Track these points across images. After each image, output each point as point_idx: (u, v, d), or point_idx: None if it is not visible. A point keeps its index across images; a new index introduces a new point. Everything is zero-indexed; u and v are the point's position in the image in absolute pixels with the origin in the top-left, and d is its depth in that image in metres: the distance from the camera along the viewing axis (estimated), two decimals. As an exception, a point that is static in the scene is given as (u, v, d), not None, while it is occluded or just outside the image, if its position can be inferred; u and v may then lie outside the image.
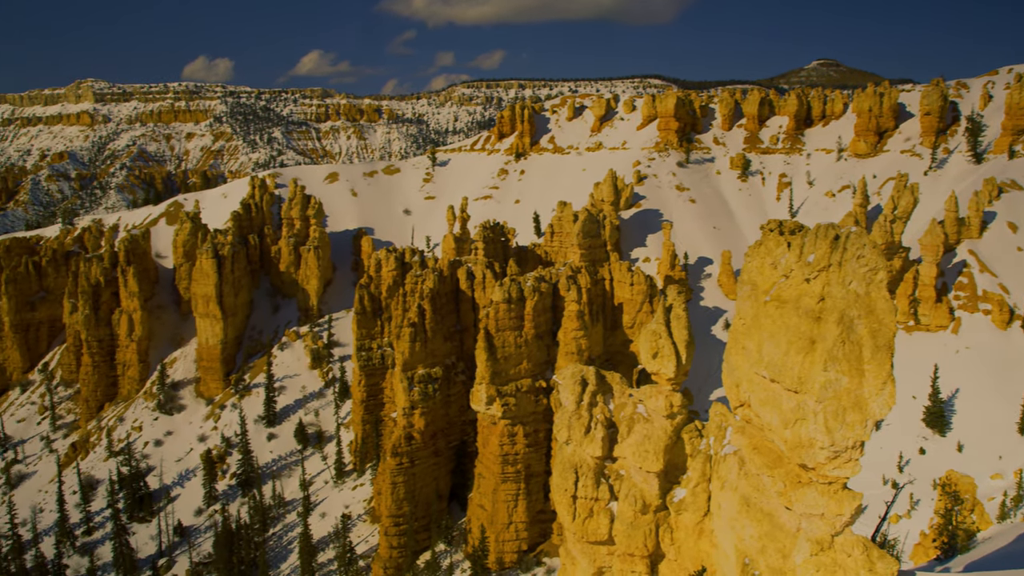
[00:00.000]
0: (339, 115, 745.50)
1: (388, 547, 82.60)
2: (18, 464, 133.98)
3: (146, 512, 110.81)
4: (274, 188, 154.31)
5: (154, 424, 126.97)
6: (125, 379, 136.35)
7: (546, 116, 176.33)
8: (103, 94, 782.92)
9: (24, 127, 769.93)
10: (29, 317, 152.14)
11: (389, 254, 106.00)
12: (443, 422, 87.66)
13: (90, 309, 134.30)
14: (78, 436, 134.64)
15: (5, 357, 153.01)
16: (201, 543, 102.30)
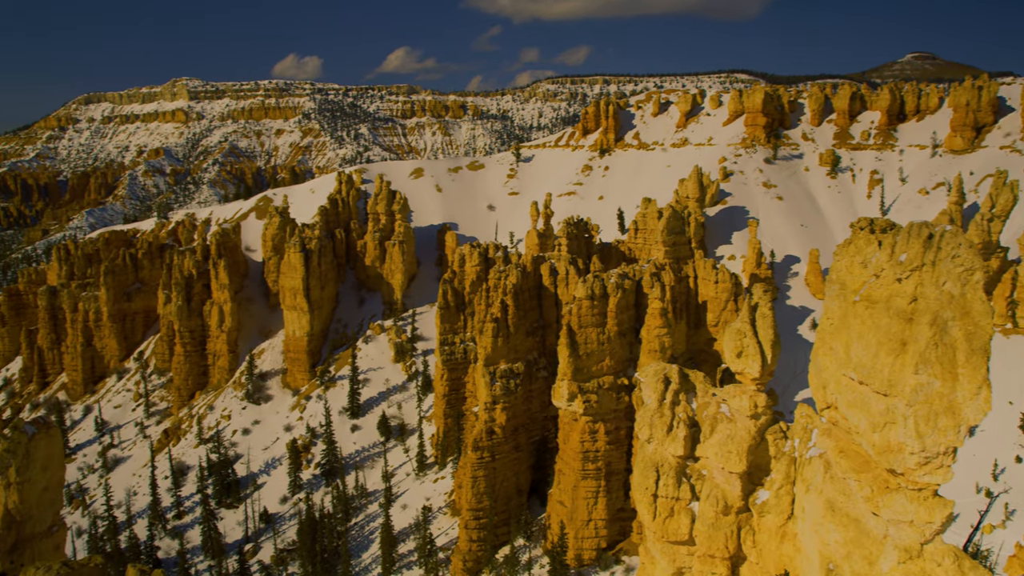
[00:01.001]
0: (424, 111, 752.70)
1: (468, 540, 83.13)
2: (114, 448, 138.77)
3: (233, 498, 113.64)
4: (360, 183, 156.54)
5: (242, 413, 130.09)
6: (215, 369, 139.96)
7: (631, 112, 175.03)
8: (197, 92, 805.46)
9: (123, 124, 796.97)
10: (126, 307, 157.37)
11: (473, 249, 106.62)
12: (524, 417, 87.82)
13: (183, 300, 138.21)
14: (170, 423, 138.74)
15: (103, 345, 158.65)
16: (286, 530, 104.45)
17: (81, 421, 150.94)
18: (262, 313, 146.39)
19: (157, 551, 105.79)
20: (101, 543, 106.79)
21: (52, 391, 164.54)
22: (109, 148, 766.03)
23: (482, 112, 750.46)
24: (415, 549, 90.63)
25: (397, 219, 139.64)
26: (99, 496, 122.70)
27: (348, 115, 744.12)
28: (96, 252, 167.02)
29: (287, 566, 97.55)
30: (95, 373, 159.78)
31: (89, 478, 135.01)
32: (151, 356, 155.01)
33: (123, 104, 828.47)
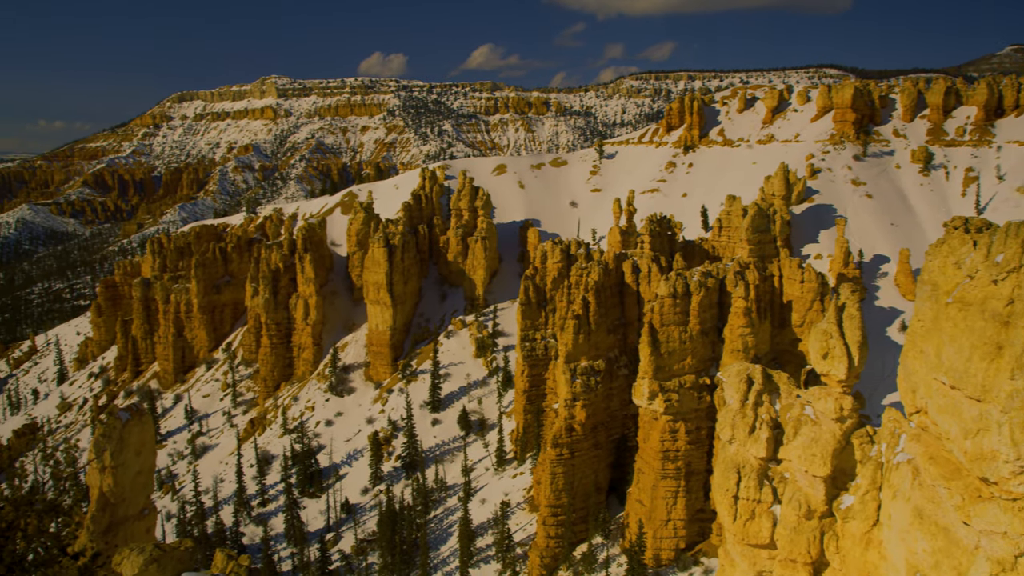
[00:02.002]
0: (507, 108, 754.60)
1: (545, 536, 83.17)
2: (202, 436, 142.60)
3: (316, 488, 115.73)
4: (443, 180, 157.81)
5: (325, 405, 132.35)
6: (300, 361, 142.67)
7: (716, 108, 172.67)
8: (285, 90, 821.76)
9: (214, 122, 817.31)
10: (215, 299, 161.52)
11: (555, 246, 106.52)
12: (604, 415, 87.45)
13: (270, 293, 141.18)
14: (256, 413, 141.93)
15: (193, 336, 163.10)
16: (366, 521, 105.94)
17: (172, 409, 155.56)
18: (346, 307, 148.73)
19: (242, 537, 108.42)
20: (189, 527, 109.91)
21: (145, 379, 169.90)
22: (201, 145, 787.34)
23: (565, 109, 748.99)
24: (493, 544, 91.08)
25: (480, 215, 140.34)
26: (188, 482, 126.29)
27: (432, 112, 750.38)
28: (188, 245, 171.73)
29: (367, 556, 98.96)
30: (185, 363, 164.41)
31: (179, 464, 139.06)
32: (239, 347, 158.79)
33: (214, 102, 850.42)
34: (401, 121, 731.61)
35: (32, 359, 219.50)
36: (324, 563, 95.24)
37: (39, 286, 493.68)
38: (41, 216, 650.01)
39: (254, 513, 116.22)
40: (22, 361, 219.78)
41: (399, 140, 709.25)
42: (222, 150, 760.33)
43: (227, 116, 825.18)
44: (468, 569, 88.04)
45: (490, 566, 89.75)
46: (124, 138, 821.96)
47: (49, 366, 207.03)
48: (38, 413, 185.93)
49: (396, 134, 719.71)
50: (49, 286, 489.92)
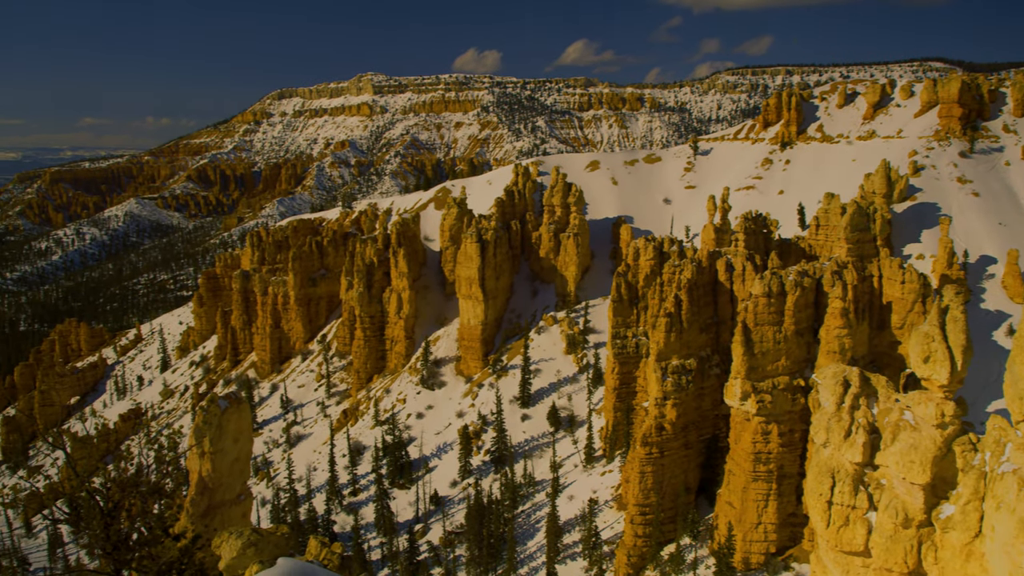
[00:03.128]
0: (601, 104, 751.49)
1: (633, 535, 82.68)
2: (297, 425, 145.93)
3: (406, 479, 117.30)
4: (536, 176, 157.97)
5: (417, 398, 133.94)
6: (392, 354, 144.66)
7: (814, 103, 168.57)
8: (381, 86, 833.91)
9: (312, 118, 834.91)
10: (311, 292, 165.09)
11: (647, 243, 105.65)
12: (695, 415, 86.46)
13: (364, 287, 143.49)
14: (349, 404, 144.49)
15: (290, 327, 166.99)
16: (454, 513, 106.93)
17: (268, 398, 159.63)
18: (438, 301, 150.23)
19: (333, 525, 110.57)
20: (282, 514, 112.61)
21: (243, 369, 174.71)
22: (299, 141, 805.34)
23: (659, 104, 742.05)
24: (580, 541, 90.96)
25: (572, 211, 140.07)
26: (282, 470, 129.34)
27: (525, 108, 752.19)
28: (285, 239, 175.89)
29: (454, 548, 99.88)
30: (282, 353, 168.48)
31: (273, 452, 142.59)
32: (333, 339, 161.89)
33: (312, 99, 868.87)
34: (495, 117, 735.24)
35: (137, 347, 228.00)
36: (412, 553, 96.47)
37: (145, 277, 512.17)
38: (148, 210, 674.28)
39: (345, 502, 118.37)
40: (128, 349, 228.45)
41: (492, 136, 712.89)
42: (319, 146, 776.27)
43: (324, 113, 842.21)
44: (555, 565, 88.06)
45: (576, 563, 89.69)
46: (226, 134, 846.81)
47: (153, 354, 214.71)
48: (142, 399, 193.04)
49: (489, 130, 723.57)
50: (154, 277, 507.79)
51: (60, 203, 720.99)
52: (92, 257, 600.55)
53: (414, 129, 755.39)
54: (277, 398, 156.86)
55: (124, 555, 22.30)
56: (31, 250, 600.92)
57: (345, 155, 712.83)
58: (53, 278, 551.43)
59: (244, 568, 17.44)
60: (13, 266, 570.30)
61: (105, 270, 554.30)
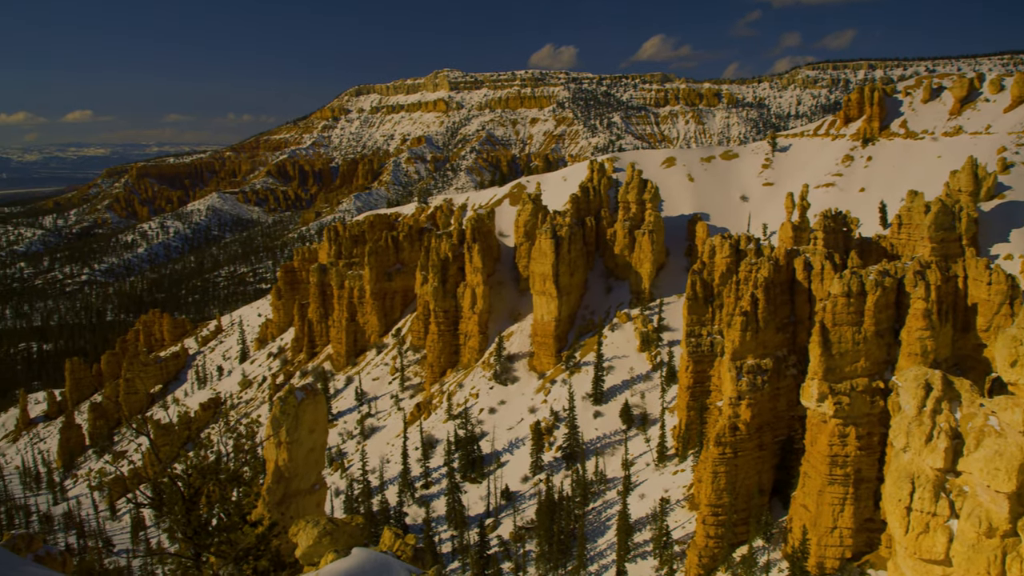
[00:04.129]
0: (678, 100, 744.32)
1: (705, 536, 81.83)
2: (371, 418, 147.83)
3: (477, 474, 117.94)
4: (612, 172, 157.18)
5: (489, 393, 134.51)
6: (466, 348, 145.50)
7: (898, 99, 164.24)
8: (457, 83, 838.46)
9: (388, 114, 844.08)
10: (386, 286, 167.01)
11: (724, 240, 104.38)
12: (770, 415, 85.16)
13: (439, 282, 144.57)
14: (422, 397, 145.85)
15: (365, 321, 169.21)
16: (525, 509, 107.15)
17: (343, 390, 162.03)
18: (512, 297, 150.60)
19: (405, 517, 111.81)
20: (356, 504, 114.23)
21: (319, 361, 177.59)
22: (376, 136, 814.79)
23: (737, 100, 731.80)
24: (650, 540, 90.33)
25: (647, 208, 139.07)
26: (356, 461, 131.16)
27: (601, 104, 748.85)
28: (362, 234, 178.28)
29: (524, 543, 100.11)
30: (357, 346, 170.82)
31: (348, 443, 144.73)
32: (407, 333, 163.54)
33: (389, 95, 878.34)
34: (570, 113, 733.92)
35: (218, 338, 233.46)
36: (483, 547, 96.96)
37: (225, 270, 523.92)
38: (229, 204, 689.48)
39: (417, 494, 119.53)
40: (209, 339, 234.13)
41: (568, 132, 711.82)
42: (396, 142, 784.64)
43: (401, 109, 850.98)
44: (625, 563, 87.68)
45: (647, 562, 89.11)
46: (305, 130, 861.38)
47: (233, 345, 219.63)
48: (222, 388, 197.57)
49: (565, 126, 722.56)
50: (234, 270, 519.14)
51: (145, 197, 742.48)
52: (175, 250, 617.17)
53: (490, 125, 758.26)
54: (352, 390, 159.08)
55: (204, 540, 22.88)
56: (118, 243, 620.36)
57: (421, 151, 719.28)
58: (139, 270, 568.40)
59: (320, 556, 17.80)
60: (101, 258, 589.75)
61: (187, 263, 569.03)
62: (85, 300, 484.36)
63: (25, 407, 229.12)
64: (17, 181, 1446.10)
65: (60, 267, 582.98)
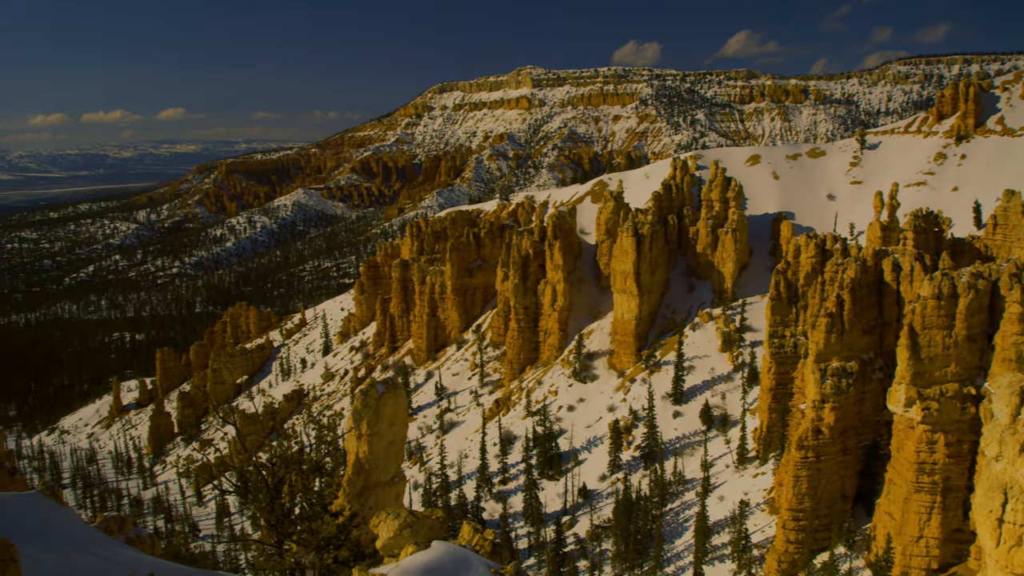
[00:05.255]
0: (763, 96, 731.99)
1: (784, 541, 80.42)
2: (450, 413, 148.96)
3: (555, 471, 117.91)
4: (695, 170, 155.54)
5: (568, 390, 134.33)
6: (545, 345, 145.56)
7: (995, 94, 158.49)
8: (540, 80, 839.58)
9: (471, 111, 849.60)
10: (467, 282, 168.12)
11: (809, 240, 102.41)
12: (855, 419, 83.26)
13: (519, 278, 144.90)
14: (501, 394, 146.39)
15: (446, 317, 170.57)
16: (602, 507, 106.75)
17: (423, 385, 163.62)
18: (592, 294, 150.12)
19: (482, 512, 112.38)
20: (433, 498, 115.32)
21: (400, 355, 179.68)
22: (458, 133, 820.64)
23: (824, 96, 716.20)
24: (729, 543, 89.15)
25: (731, 206, 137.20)
26: (435, 455, 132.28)
27: (685, 101, 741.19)
28: (443, 230, 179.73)
29: (601, 542, 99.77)
30: (438, 341, 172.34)
31: (427, 437, 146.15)
32: (487, 329, 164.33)
33: (472, 92, 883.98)
34: (653, 110, 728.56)
35: (302, 331, 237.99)
36: (559, 545, 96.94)
37: (310, 264, 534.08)
38: (314, 200, 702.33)
39: (495, 490, 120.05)
40: (293, 332, 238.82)
41: (651, 129, 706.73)
42: (478, 139, 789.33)
43: (484, 106, 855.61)
44: (702, 566, 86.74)
45: (724, 565, 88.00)
46: (389, 127, 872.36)
47: (316, 338, 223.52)
48: (305, 380, 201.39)
49: (648, 123, 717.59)
50: (318, 264, 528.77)
51: (234, 193, 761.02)
52: (262, 244, 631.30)
53: (572, 122, 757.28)
54: (432, 385, 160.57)
55: (286, 528, 23.36)
56: (207, 237, 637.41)
57: (503, 148, 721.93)
58: (226, 263, 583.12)
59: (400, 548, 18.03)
60: (191, 251, 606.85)
61: (273, 257, 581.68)
62: (175, 292, 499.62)
63: (118, 394, 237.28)
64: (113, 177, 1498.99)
65: (152, 260, 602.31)
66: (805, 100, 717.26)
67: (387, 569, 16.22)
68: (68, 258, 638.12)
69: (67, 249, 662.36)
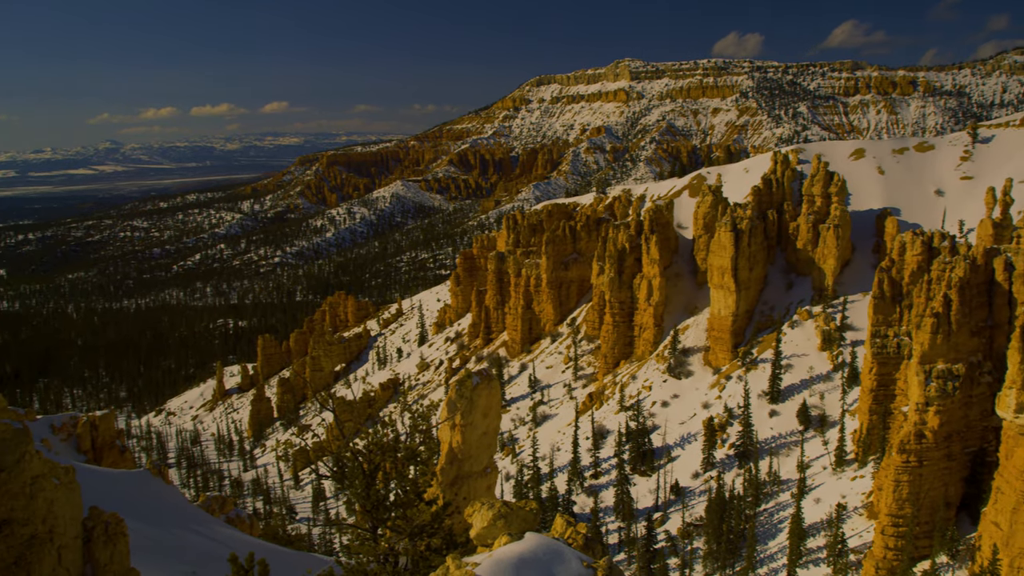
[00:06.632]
0: (869, 88, 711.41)
1: (883, 547, 78.18)
2: (543, 405, 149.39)
3: (647, 467, 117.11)
4: (796, 164, 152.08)
5: (662, 386, 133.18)
6: (640, 340, 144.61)
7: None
8: (638, 72, 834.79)
9: (568, 104, 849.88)
10: (562, 275, 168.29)
11: (915, 237, 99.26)
12: (960, 424, 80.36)
13: (615, 272, 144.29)
14: (595, 388, 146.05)
15: (540, 309, 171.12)
16: (694, 505, 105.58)
17: (517, 377, 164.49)
18: (688, 290, 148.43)
19: (573, 505, 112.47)
20: (525, 490, 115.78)
21: (494, 347, 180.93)
22: (556, 126, 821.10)
23: (934, 88, 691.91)
24: (824, 547, 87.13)
25: (833, 202, 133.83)
26: (527, 447, 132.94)
27: (787, 93, 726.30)
28: (539, 223, 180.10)
29: (692, 540, 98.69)
30: (532, 334, 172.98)
31: (520, 429, 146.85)
32: (582, 323, 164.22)
33: (569, 85, 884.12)
34: (753, 103, 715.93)
35: (398, 321, 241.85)
36: (650, 541, 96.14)
37: (407, 255, 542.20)
38: (412, 191, 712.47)
39: (586, 484, 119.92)
40: (390, 322, 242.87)
41: (751, 123, 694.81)
42: (575, 132, 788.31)
43: (581, 99, 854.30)
44: (796, 568, 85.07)
45: (819, 569, 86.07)
46: (486, 120, 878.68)
47: (412, 328, 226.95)
48: (400, 370, 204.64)
49: (748, 116, 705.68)
50: (415, 255, 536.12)
51: (334, 184, 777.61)
52: (360, 235, 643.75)
53: (670, 115, 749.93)
54: (525, 377, 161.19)
55: (381, 514, 23.72)
56: (308, 227, 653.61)
57: (600, 141, 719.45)
58: (326, 253, 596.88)
59: (493, 538, 18.10)
60: (292, 241, 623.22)
61: (371, 247, 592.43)
62: (277, 281, 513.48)
63: (221, 379, 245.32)
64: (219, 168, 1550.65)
65: (255, 249, 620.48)
66: (913, 92, 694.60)
67: (480, 558, 16.31)
68: (176, 247, 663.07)
69: (175, 238, 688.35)
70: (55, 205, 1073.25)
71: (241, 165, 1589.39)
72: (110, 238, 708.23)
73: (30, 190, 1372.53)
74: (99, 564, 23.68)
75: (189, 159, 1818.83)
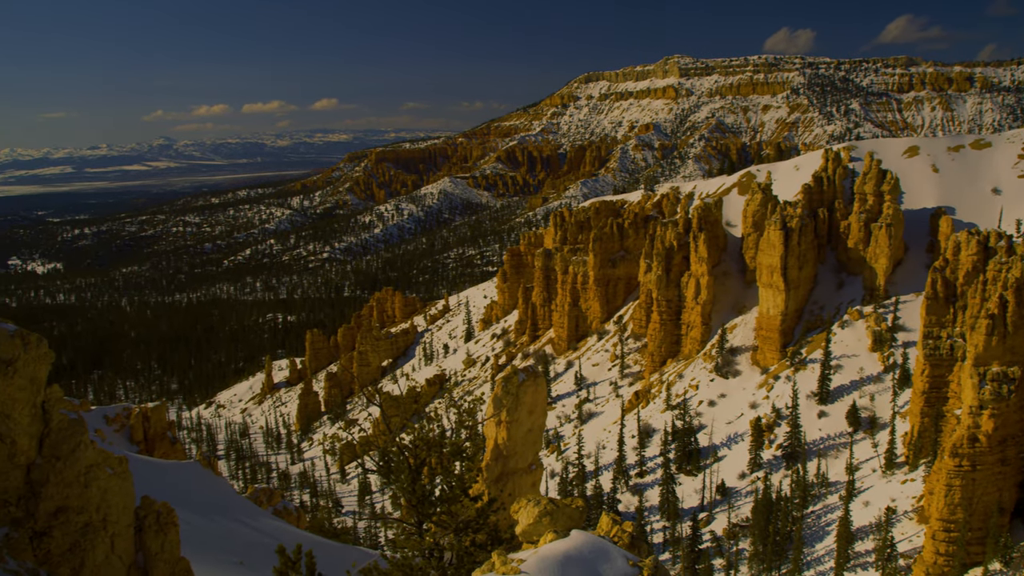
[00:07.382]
0: (924, 84, 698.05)
1: (933, 552, 76.82)
2: (588, 403, 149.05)
3: (693, 466, 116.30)
4: (848, 161, 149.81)
5: (709, 385, 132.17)
6: (687, 339, 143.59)
7: None
8: (687, 69, 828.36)
9: (617, 101, 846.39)
10: (610, 273, 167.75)
11: (970, 237, 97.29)
12: (1016, 428, 78.68)
13: (662, 270, 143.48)
14: (641, 386, 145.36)
15: (587, 307, 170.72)
16: (740, 506, 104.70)
17: (563, 374, 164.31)
18: (737, 288, 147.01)
19: (618, 504, 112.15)
20: (570, 487, 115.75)
21: (540, 344, 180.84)
22: (604, 123, 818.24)
23: (992, 84, 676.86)
24: (873, 550, 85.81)
25: (886, 200, 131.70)
26: (572, 444, 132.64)
27: (839, 90, 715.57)
28: (587, 220, 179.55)
29: (738, 541, 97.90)
30: (578, 332, 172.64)
31: (565, 427, 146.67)
32: (629, 321, 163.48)
33: (618, 82, 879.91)
34: (805, 100, 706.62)
35: (445, 317, 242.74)
36: (695, 541, 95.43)
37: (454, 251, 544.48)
38: (459, 188, 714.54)
39: (631, 482, 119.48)
40: (437, 318, 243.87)
41: (802, 120, 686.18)
42: (623, 129, 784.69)
43: (629, 96, 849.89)
44: (844, 572, 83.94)
45: (867, 573, 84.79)
46: (534, 117, 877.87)
47: (459, 324, 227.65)
48: (446, 366, 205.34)
49: (799, 113, 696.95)
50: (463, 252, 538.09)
51: (382, 181, 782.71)
52: (408, 231, 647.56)
53: (719, 112, 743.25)
54: (571, 375, 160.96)
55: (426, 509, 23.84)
56: (356, 223, 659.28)
57: (649, 138, 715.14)
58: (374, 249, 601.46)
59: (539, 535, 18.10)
60: (341, 237, 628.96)
61: (419, 244, 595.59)
62: (325, 276, 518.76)
63: (270, 372, 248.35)
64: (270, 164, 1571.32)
65: (304, 245, 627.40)
66: (970, 88, 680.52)
67: (526, 555, 16.30)
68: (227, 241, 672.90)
69: (226, 233, 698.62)
70: (110, 200, 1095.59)
71: (291, 161, 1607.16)
72: (163, 233, 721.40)
73: (86, 186, 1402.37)
74: (150, 552, 24.15)
75: (240, 155, 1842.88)
